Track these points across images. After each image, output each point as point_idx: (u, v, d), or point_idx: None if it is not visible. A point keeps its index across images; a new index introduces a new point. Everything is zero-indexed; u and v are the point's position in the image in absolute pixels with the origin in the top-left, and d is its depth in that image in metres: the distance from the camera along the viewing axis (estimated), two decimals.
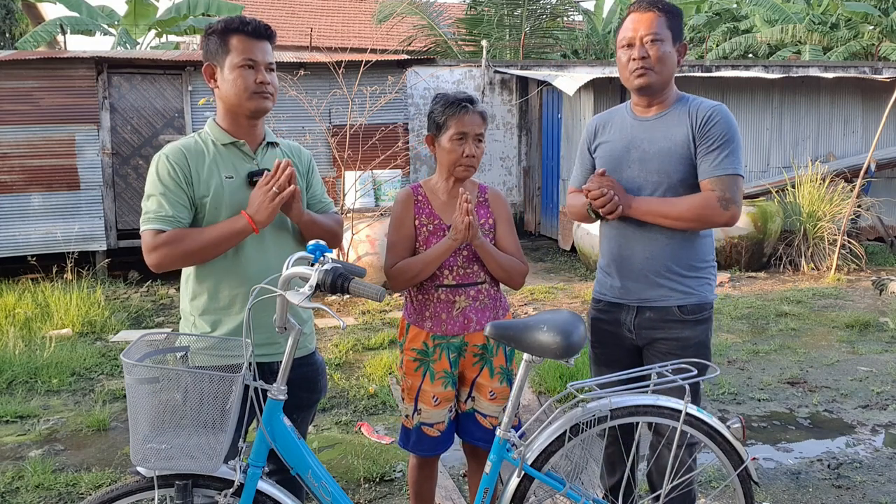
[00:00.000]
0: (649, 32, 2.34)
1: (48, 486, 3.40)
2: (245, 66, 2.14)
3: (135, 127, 8.44)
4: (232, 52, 2.14)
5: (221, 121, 2.23)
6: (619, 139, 2.48)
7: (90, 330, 6.11)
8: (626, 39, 2.38)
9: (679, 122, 2.41)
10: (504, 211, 2.56)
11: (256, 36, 2.16)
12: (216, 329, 2.17)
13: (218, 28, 2.16)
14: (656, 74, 2.37)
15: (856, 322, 6.05)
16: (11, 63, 7.86)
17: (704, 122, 2.38)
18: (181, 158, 2.13)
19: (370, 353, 5.44)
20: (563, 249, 9.82)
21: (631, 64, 2.37)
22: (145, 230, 2.09)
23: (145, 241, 2.09)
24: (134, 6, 14.41)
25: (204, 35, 2.21)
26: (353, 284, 1.83)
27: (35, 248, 7.93)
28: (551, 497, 2.41)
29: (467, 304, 2.45)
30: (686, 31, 20.56)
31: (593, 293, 2.62)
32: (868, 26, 18.48)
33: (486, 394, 2.47)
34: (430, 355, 2.46)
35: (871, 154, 8.23)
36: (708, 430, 2.15)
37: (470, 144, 2.42)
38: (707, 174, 2.35)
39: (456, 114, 2.41)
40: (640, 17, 2.36)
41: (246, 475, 1.91)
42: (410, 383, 2.50)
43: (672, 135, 2.40)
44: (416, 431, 2.50)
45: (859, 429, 4.01)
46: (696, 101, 2.46)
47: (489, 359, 2.47)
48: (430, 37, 15.30)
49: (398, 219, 2.51)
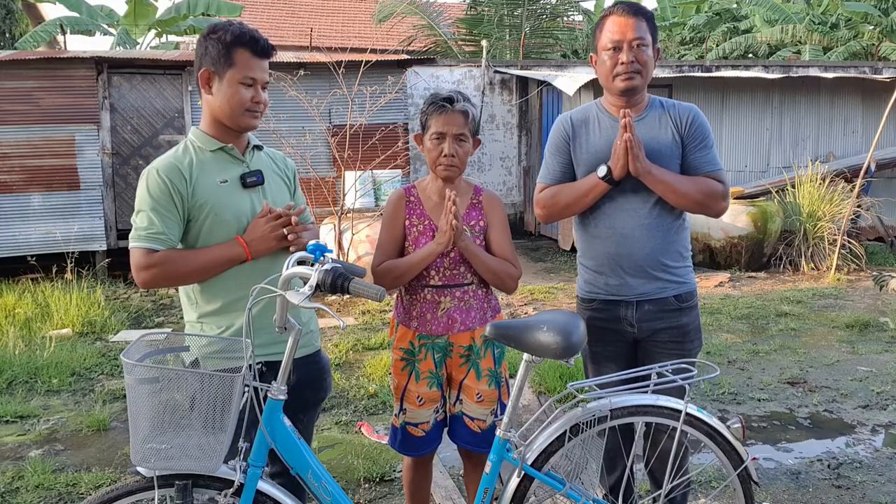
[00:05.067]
0: (637, 37, 2.39)
1: (48, 486, 3.40)
2: (245, 84, 2.11)
3: (135, 127, 8.44)
4: (235, 66, 2.09)
5: (208, 128, 2.19)
6: (600, 139, 2.49)
7: (90, 330, 6.11)
8: (612, 42, 2.40)
9: (662, 124, 2.48)
10: (498, 214, 2.53)
11: (262, 55, 2.14)
12: (225, 330, 2.14)
13: (225, 38, 2.09)
14: (642, 78, 2.43)
15: (856, 322, 6.05)
16: (11, 63, 7.86)
17: (690, 123, 2.47)
18: (173, 172, 2.08)
19: (370, 353, 5.44)
20: (563, 249, 9.82)
21: (619, 67, 2.40)
22: (136, 248, 2.05)
23: (136, 260, 2.05)
24: (134, 6, 14.41)
25: (204, 36, 2.13)
26: (353, 284, 1.83)
27: (35, 248, 7.93)
28: (551, 497, 2.41)
29: (452, 304, 2.43)
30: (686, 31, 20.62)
31: (581, 294, 2.65)
32: (868, 26, 18.48)
33: (472, 396, 2.45)
34: (416, 355, 2.46)
35: (871, 154, 8.23)
36: (708, 430, 2.15)
37: (449, 144, 2.39)
38: (702, 170, 2.46)
39: (435, 113, 2.40)
40: (626, 21, 2.39)
41: (246, 475, 1.91)
42: (397, 382, 2.51)
43: (659, 136, 2.46)
44: (401, 431, 2.50)
45: (859, 429, 4.01)
46: (671, 103, 2.55)
47: (476, 360, 2.45)
48: (430, 37, 15.30)
49: (388, 219, 2.51)
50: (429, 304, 2.44)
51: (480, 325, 2.44)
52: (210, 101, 2.15)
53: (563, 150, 2.56)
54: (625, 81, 2.41)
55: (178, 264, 2.06)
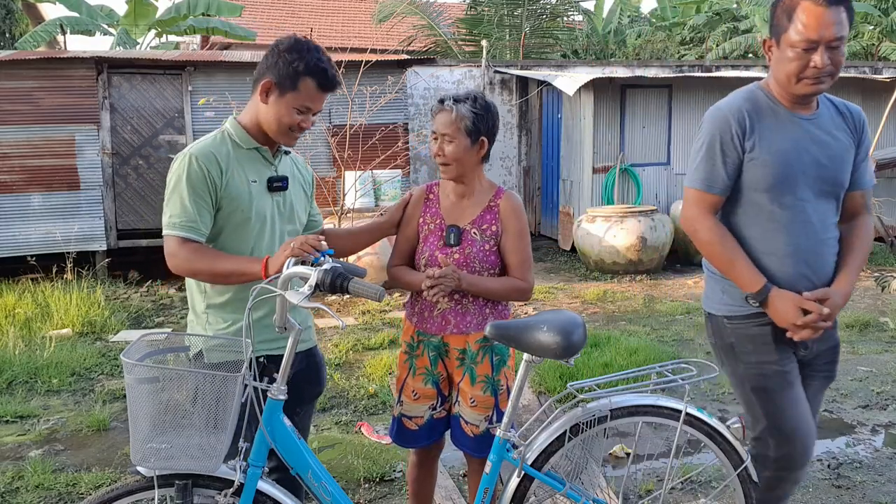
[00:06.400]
0: (837, 36, 1.97)
1: (48, 486, 3.40)
2: (299, 110, 2.14)
3: (135, 127, 8.44)
4: (300, 92, 2.11)
5: (248, 126, 2.20)
6: (785, 139, 2.09)
7: (90, 330, 6.11)
8: (805, 43, 1.98)
9: (836, 125, 2.15)
10: (515, 223, 2.46)
11: (327, 90, 2.16)
12: (231, 325, 2.15)
13: (299, 67, 2.09)
14: (832, 80, 2.04)
15: (856, 322, 6.05)
16: (11, 63, 7.86)
17: (862, 127, 2.18)
18: (211, 161, 2.09)
19: (370, 353, 5.44)
20: (563, 249, 9.83)
21: (810, 71, 2.00)
22: (172, 236, 2.06)
23: (169, 246, 2.07)
24: (134, 6, 14.40)
25: (281, 51, 2.12)
26: (352, 284, 1.83)
27: (35, 248, 7.92)
28: (551, 497, 2.41)
29: (448, 306, 2.44)
30: (686, 31, 20.61)
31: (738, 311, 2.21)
32: (868, 26, 18.48)
33: (466, 400, 2.45)
34: (414, 350, 2.51)
35: (871, 154, 8.23)
36: (708, 430, 2.15)
37: (439, 143, 2.42)
38: (861, 185, 2.22)
39: (434, 113, 2.45)
40: (826, 13, 1.95)
41: (246, 475, 1.91)
42: (398, 374, 2.57)
43: (838, 139, 2.14)
44: (397, 421, 2.55)
45: (859, 429, 4.01)
46: (841, 103, 2.22)
47: (470, 365, 2.44)
48: (430, 37, 15.30)
49: (407, 216, 2.55)
50: (427, 302, 2.46)
51: (476, 330, 2.42)
52: (261, 108, 2.16)
53: (729, 148, 2.11)
54: (813, 86, 2.03)
55: (203, 261, 2.08)
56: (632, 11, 22.21)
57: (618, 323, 6.31)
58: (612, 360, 4.83)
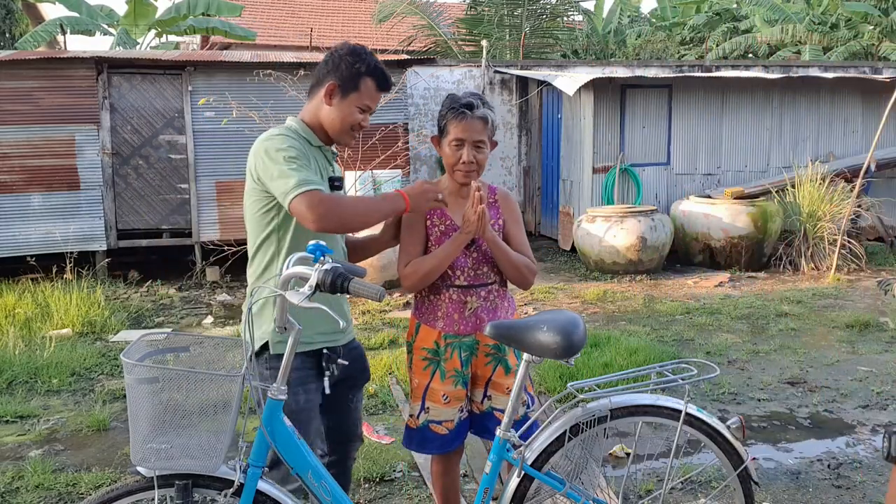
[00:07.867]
0: None
1: (48, 486, 3.40)
2: (360, 109, 2.28)
3: (135, 127, 8.44)
4: (360, 92, 2.26)
5: (312, 124, 2.31)
6: None
7: (90, 330, 6.11)
8: None
9: None
10: (514, 212, 2.57)
11: (384, 90, 2.32)
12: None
13: (361, 68, 2.25)
14: None
15: (856, 322, 6.05)
16: (11, 63, 7.86)
17: None
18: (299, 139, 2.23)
19: (370, 353, 5.41)
20: (563, 249, 9.83)
21: None
22: (306, 192, 2.06)
23: (308, 201, 2.05)
24: (134, 6, 14.40)
25: (342, 55, 2.27)
26: (353, 284, 1.83)
27: (35, 248, 7.93)
28: (551, 497, 2.41)
29: (478, 304, 2.46)
30: (686, 31, 20.62)
31: None
32: (868, 26, 18.48)
33: (503, 391, 2.46)
34: (441, 354, 2.47)
35: (871, 154, 8.23)
36: (708, 430, 2.15)
37: (468, 151, 2.39)
38: None
39: (455, 119, 2.39)
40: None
41: (246, 475, 1.91)
42: (418, 382, 2.51)
43: None
44: (421, 431, 2.50)
45: (859, 429, 4.01)
46: None
47: (503, 358, 2.47)
48: (430, 37, 15.30)
49: (410, 220, 2.51)
50: (455, 304, 2.45)
51: None
52: (324, 110, 2.28)
53: None
54: None
55: (348, 207, 2.17)
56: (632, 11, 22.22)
57: (618, 323, 6.31)
58: (612, 360, 4.83)
